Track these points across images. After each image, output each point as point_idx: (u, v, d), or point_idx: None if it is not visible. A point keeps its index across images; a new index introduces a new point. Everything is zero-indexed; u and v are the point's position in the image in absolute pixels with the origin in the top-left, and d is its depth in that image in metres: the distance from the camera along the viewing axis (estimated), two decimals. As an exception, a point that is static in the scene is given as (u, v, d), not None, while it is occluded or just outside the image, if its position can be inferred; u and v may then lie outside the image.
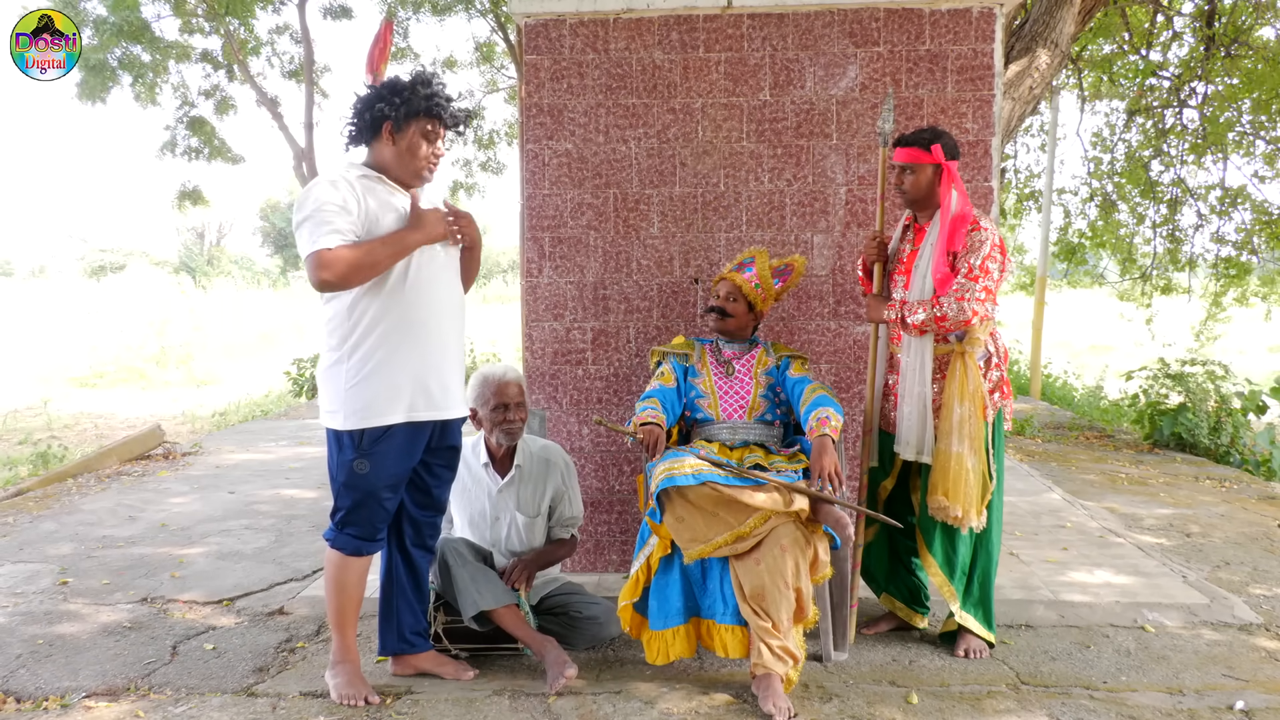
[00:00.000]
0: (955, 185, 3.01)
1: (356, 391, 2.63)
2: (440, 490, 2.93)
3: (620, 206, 3.82)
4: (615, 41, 3.76)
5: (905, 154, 3.05)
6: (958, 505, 2.99)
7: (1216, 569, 4.14)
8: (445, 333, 2.76)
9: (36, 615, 3.56)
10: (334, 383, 2.66)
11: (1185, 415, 7.07)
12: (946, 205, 3.00)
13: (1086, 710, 2.74)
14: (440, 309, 2.73)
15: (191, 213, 13.51)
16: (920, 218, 3.16)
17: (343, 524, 2.74)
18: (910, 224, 3.22)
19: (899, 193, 3.14)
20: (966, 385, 2.98)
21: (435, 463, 2.87)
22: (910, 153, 3.04)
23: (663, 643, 2.89)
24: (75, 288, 22.25)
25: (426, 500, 2.91)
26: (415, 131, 2.65)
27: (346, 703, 2.77)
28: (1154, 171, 9.59)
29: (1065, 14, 5.78)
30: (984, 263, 2.94)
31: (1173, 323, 10.71)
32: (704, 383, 3.29)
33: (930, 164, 3.03)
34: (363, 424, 2.63)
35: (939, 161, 3.02)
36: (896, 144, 3.10)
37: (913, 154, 3.04)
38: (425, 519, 2.93)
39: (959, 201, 3.00)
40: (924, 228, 3.13)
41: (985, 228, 2.99)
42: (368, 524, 2.73)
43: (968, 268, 2.94)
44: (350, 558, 2.75)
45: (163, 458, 6.76)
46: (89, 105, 10.81)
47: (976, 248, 2.96)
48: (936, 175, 3.05)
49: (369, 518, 2.73)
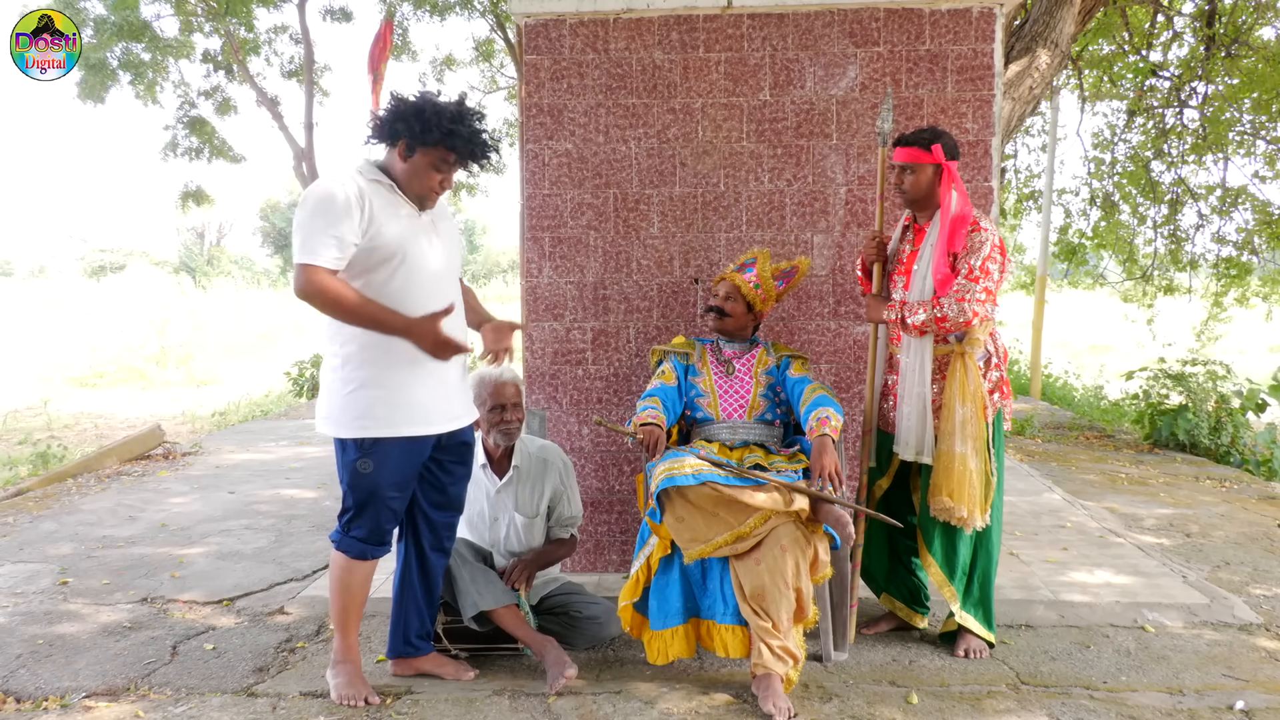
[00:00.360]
0: (955, 185, 3.01)
1: (352, 401, 2.60)
2: (455, 488, 2.90)
3: (620, 206, 3.82)
4: (615, 41, 3.76)
5: (905, 154, 3.05)
6: (962, 506, 2.99)
7: (1216, 569, 4.13)
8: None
9: (36, 615, 3.56)
10: (331, 388, 2.65)
11: (1185, 415, 7.06)
12: (946, 205, 2.99)
13: (1086, 710, 2.74)
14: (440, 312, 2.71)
15: (193, 213, 13.52)
16: (920, 218, 3.16)
17: (349, 526, 2.73)
18: (910, 224, 3.22)
19: (899, 192, 3.13)
20: (967, 386, 2.98)
21: (448, 459, 2.84)
22: (910, 152, 3.04)
23: (663, 643, 2.89)
24: (75, 288, 22.24)
25: (442, 499, 2.88)
26: (427, 159, 2.58)
27: (347, 703, 2.77)
28: (1154, 172, 9.59)
29: (1065, 14, 5.78)
30: (984, 264, 2.94)
31: (1174, 323, 10.70)
32: (704, 382, 3.29)
33: (930, 164, 3.03)
34: (361, 434, 2.61)
35: (939, 161, 3.01)
36: (897, 143, 3.10)
37: (913, 154, 3.04)
38: (442, 519, 2.90)
39: (959, 202, 3.00)
40: (924, 228, 3.13)
41: (986, 229, 2.99)
42: (374, 526, 2.71)
43: (968, 268, 2.94)
44: (357, 560, 2.74)
45: (163, 458, 6.76)
46: (89, 105, 10.83)
47: (977, 249, 2.95)
48: (937, 175, 3.04)
49: (375, 519, 2.71)
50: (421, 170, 2.59)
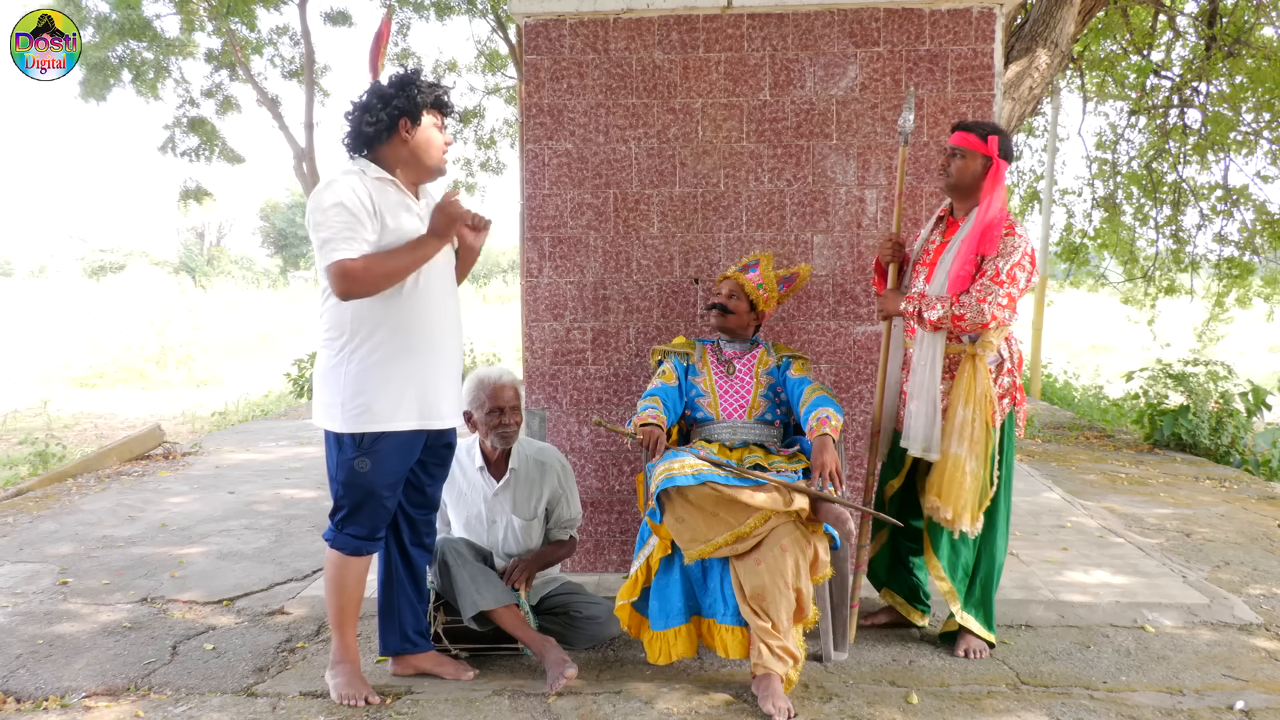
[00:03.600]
0: (998, 186, 2.98)
1: (356, 395, 2.61)
2: (434, 488, 2.93)
3: (620, 206, 3.82)
4: (615, 41, 3.76)
5: (961, 138, 3.02)
6: (949, 507, 2.99)
7: (1216, 569, 4.13)
8: (443, 339, 2.74)
9: (36, 615, 3.56)
10: (333, 384, 2.65)
11: (1186, 416, 7.06)
12: (986, 204, 2.97)
13: (1086, 710, 2.74)
14: (438, 314, 2.72)
15: (193, 213, 13.54)
16: (957, 211, 3.12)
17: (343, 524, 2.74)
18: (944, 216, 3.19)
19: (943, 175, 3.10)
20: (974, 388, 2.97)
21: (431, 461, 2.87)
22: (966, 138, 3.01)
23: (665, 643, 2.89)
24: (75, 288, 22.26)
25: (421, 499, 2.91)
26: (431, 121, 2.67)
27: (346, 702, 2.77)
28: (1157, 171, 9.58)
29: (1065, 14, 5.78)
30: (1013, 269, 2.91)
31: (1175, 323, 10.70)
32: (704, 382, 3.29)
33: (982, 154, 3.00)
34: (362, 428, 2.62)
35: (992, 155, 2.99)
36: (955, 128, 3.06)
37: (968, 139, 3.01)
38: (421, 517, 2.93)
39: (996, 206, 2.97)
40: (958, 222, 3.10)
41: (1021, 235, 2.96)
42: (369, 523, 2.73)
43: (995, 270, 2.92)
44: (350, 558, 2.75)
45: (163, 458, 6.76)
46: (91, 104, 10.84)
47: (1008, 253, 2.93)
48: (985, 168, 3.01)
49: (370, 517, 2.72)
50: (431, 136, 2.68)
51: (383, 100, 2.62)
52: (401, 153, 2.66)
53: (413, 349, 2.64)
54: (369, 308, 2.61)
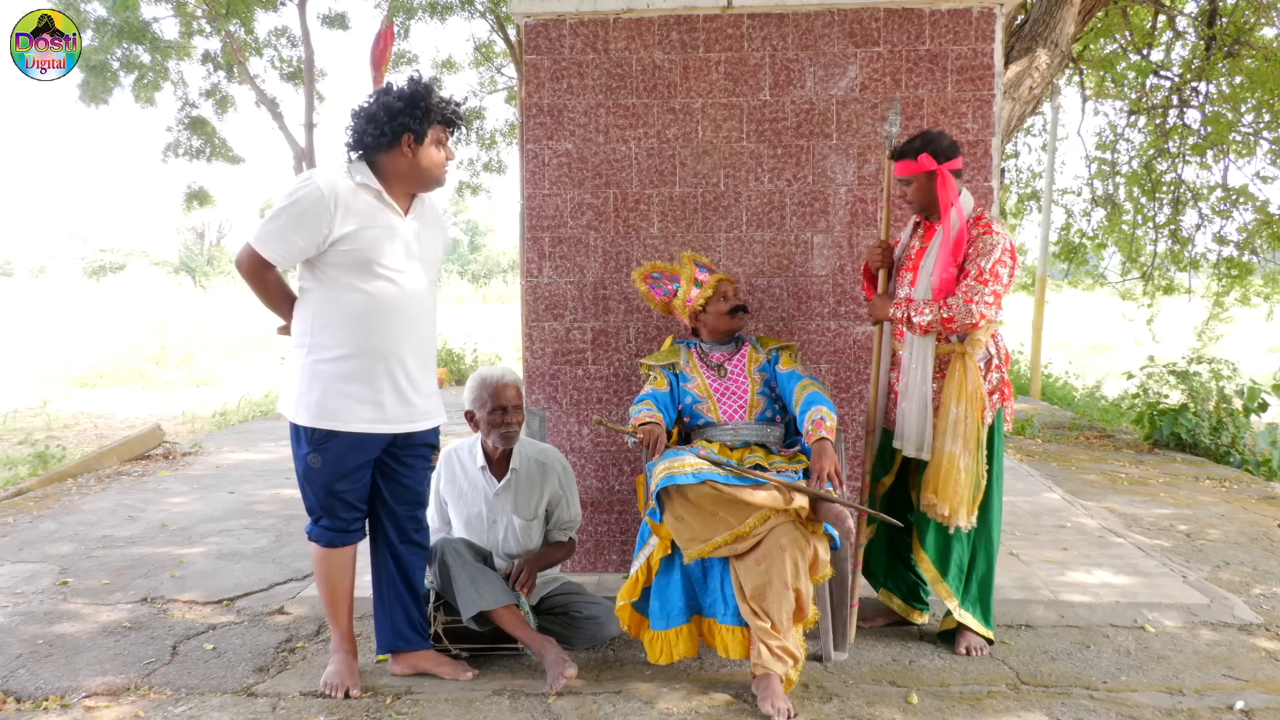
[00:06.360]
0: (951, 187, 3.00)
1: (311, 388, 2.66)
2: (413, 479, 2.91)
3: (620, 206, 3.82)
4: (615, 41, 3.76)
5: (900, 168, 3.10)
6: (946, 504, 3.02)
7: (1216, 569, 4.13)
8: (409, 346, 2.74)
9: (36, 615, 3.56)
10: (293, 377, 2.72)
11: (1186, 415, 7.06)
12: (946, 209, 2.99)
13: (1086, 710, 2.74)
14: (404, 323, 2.71)
15: (193, 213, 13.54)
16: (931, 217, 3.16)
17: (315, 517, 2.82)
18: (920, 221, 3.23)
19: (906, 205, 3.19)
20: (965, 386, 2.99)
21: (407, 455, 2.87)
22: (903, 166, 3.08)
23: (666, 643, 2.89)
24: (75, 288, 22.26)
25: (404, 493, 2.90)
26: (432, 140, 2.67)
27: (328, 691, 2.82)
28: (1157, 171, 9.57)
29: (1065, 14, 5.78)
30: (994, 267, 2.94)
31: (1174, 323, 10.70)
32: (698, 387, 3.27)
33: (922, 172, 3.04)
34: (311, 423, 2.67)
35: (929, 169, 3.02)
36: (891, 158, 3.14)
37: (904, 167, 3.08)
38: (405, 512, 2.92)
39: (957, 212, 2.99)
40: (934, 226, 3.13)
41: (998, 232, 2.99)
42: (334, 517, 2.79)
43: (978, 270, 2.94)
44: (328, 549, 2.81)
45: (163, 458, 6.76)
46: (91, 107, 10.83)
47: (988, 251, 2.95)
48: (932, 180, 3.05)
49: (332, 511, 2.78)
50: (433, 154, 2.69)
51: (389, 114, 2.61)
52: (400, 165, 2.67)
53: (372, 352, 2.66)
54: (330, 309, 2.65)
